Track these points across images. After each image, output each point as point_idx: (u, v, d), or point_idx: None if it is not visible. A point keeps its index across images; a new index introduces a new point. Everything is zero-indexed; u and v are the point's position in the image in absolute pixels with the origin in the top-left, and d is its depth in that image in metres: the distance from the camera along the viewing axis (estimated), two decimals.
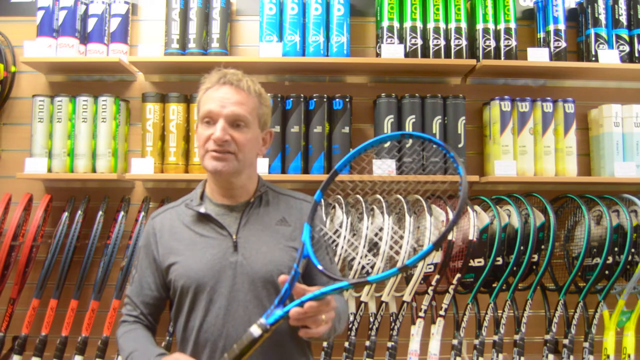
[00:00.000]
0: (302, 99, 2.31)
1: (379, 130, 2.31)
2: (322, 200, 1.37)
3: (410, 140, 1.28)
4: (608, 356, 2.13)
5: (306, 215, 1.48)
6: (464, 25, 2.38)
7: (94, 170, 2.29)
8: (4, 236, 2.15)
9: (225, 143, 1.37)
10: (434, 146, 1.25)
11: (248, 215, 1.46)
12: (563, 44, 2.41)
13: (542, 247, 2.16)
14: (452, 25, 2.38)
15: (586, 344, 2.16)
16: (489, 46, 2.38)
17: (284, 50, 2.33)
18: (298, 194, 1.57)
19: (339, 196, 2.17)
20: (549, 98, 2.37)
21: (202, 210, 1.44)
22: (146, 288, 1.46)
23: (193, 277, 1.38)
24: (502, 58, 2.37)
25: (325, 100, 2.32)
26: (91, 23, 2.37)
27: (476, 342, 2.12)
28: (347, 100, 2.32)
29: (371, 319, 2.09)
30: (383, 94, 2.33)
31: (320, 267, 1.23)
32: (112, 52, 2.39)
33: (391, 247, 1.96)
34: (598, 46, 2.41)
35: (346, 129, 2.32)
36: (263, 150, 1.52)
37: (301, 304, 1.17)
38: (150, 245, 1.47)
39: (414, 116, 2.30)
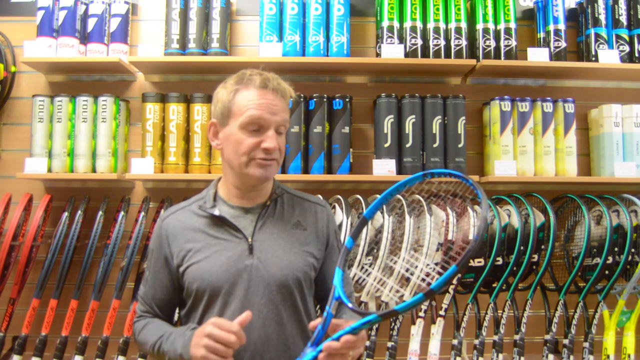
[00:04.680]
0: (302, 99, 2.31)
1: (379, 130, 2.31)
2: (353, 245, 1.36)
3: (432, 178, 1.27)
4: (608, 356, 2.13)
5: (321, 219, 1.51)
6: (464, 25, 2.38)
7: (94, 170, 2.29)
8: (4, 236, 2.15)
9: (275, 151, 1.37)
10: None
11: (264, 218, 1.44)
12: (563, 44, 2.41)
13: (542, 247, 2.16)
14: (452, 25, 2.38)
15: (586, 344, 2.16)
16: (489, 46, 2.38)
17: (284, 50, 2.33)
18: (312, 197, 1.57)
19: (339, 196, 2.18)
20: (549, 98, 2.37)
21: (216, 212, 1.41)
22: (159, 292, 1.44)
23: (208, 280, 1.36)
24: (502, 58, 2.37)
25: (325, 100, 2.32)
26: (91, 23, 2.37)
27: (476, 342, 2.12)
28: (347, 100, 2.32)
29: None
30: (383, 94, 2.33)
31: (350, 305, 1.22)
32: (112, 52, 2.38)
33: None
34: (598, 46, 2.41)
35: (346, 129, 2.31)
36: None
37: (337, 339, 1.17)
38: (163, 248, 1.44)
39: (414, 116, 2.30)
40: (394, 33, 2.36)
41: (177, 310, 1.53)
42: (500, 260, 2.13)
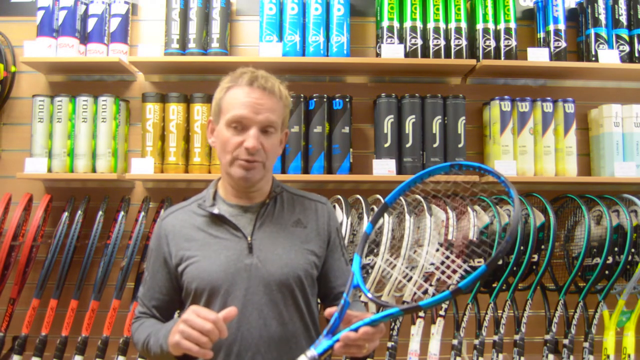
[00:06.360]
0: (302, 99, 2.31)
1: (379, 130, 2.31)
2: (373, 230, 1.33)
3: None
4: (608, 356, 2.12)
5: (322, 216, 1.49)
6: (464, 25, 2.38)
7: (94, 170, 2.29)
8: (4, 236, 2.15)
9: (257, 152, 1.34)
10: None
11: (263, 216, 1.42)
12: (563, 44, 2.41)
13: (542, 247, 2.16)
14: (452, 25, 2.38)
15: (586, 344, 2.16)
16: (489, 46, 2.38)
17: (284, 50, 2.33)
18: (312, 195, 1.55)
19: (339, 196, 2.18)
20: (549, 98, 2.37)
21: (215, 211, 1.41)
22: (157, 292, 1.44)
23: (207, 280, 1.35)
24: (502, 58, 2.37)
25: (325, 100, 2.32)
26: (91, 23, 2.37)
27: (476, 342, 2.12)
28: (347, 100, 2.32)
29: None
30: (383, 94, 2.33)
31: (369, 295, 1.19)
32: (112, 52, 2.38)
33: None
34: (598, 46, 2.41)
35: (346, 129, 2.31)
36: (280, 151, 1.49)
37: (355, 330, 1.13)
38: (162, 248, 1.43)
39: (414, 116, 2.30)
40: (394, 33, 2.36)
41: (177, 314, 1.52)
42: (500, 260, 2.13)
